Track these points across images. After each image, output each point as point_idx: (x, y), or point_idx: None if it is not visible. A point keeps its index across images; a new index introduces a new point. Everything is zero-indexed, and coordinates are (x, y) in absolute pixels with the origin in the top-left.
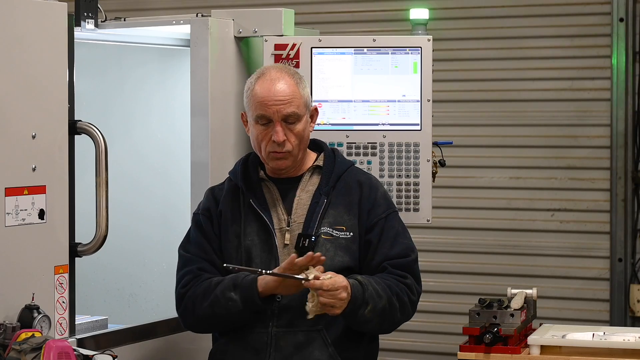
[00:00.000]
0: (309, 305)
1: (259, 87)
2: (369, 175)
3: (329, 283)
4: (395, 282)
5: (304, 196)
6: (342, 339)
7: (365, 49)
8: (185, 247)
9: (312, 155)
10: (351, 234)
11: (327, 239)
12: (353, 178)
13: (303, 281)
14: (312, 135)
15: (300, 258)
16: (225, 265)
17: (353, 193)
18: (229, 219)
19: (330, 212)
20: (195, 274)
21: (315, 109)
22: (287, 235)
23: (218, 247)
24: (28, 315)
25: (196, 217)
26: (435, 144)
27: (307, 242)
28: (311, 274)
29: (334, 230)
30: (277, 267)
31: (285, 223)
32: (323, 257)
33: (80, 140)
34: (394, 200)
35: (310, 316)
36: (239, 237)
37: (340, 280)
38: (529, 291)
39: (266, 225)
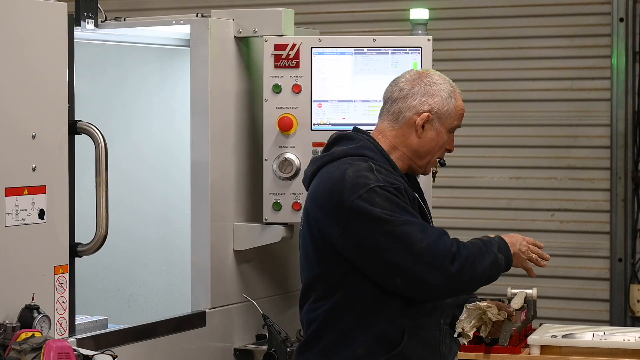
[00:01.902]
0: (471, 329)
1: (459, 97)
2: None
3: None
4: None
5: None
6: None
7: (365, 49)
8: (402, 219)
9: None
10: None
11: None
12: None
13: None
14: (315, 134)
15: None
16: None
17: None
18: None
19: None
20: (448, 234)
21: None
22: None
23: None
24: (28, 315)
25: (401, 193)
26: None
27: None
28: (494, 311)
29: None
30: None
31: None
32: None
33: (80, 140)
34: None
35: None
36: None
37: None
38: (529, 291)
39: (428, 221)
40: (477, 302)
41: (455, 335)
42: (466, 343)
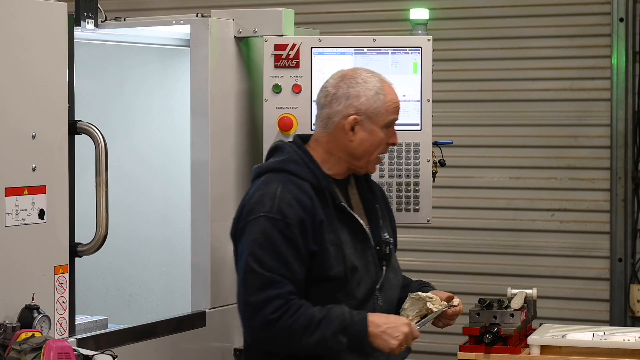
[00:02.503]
0: (414, 319)
1: (389, 91)
2: None
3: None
4: None
5: (355, 198)
6: None
7: (365, 49)
8: (263, 261)
9: None
10: (391, 240)
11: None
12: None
13: (450, 309)
14: None
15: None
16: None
17: (381, 196)
18: (326, 225)
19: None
20: (287, 300)
21: None
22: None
23: (307, 265)
24: (28, 315)
25: (288, 229)
26: (435, 144)
27: (387, 250)
28: (436, 302)
29: (387, 236)
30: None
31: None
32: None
33: (80, 140)
34: (394, 200)
35: None
36: (337, 245)
37: None
38: (529, 291)
39: (361, 230)
40: (419, 292)
41: None
42: None
